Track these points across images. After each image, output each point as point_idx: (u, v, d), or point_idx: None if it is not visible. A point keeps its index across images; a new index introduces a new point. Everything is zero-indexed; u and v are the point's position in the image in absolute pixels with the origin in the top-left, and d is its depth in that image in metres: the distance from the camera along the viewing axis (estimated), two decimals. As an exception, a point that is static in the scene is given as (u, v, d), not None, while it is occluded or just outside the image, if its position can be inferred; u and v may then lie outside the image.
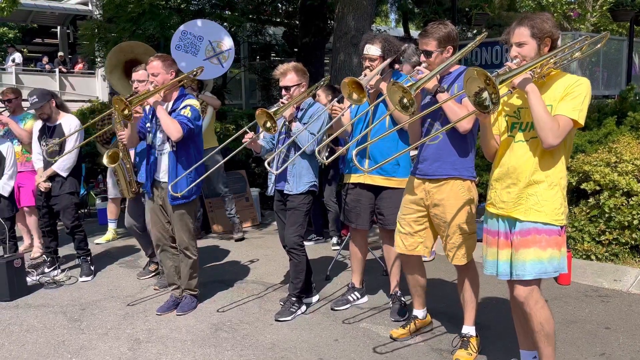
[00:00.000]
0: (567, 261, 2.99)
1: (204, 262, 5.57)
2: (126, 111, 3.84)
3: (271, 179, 4.18)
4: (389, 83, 2.87)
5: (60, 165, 4.97)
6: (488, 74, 2.40)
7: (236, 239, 6.51)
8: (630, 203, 4.75)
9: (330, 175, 6.09)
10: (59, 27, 21.47)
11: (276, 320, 4.04)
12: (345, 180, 4.14)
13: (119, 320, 4.16)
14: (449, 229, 3.32)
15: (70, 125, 5.08)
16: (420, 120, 3.37)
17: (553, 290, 4.43)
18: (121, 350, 3.65)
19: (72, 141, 5.04)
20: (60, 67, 18.90)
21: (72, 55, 20.89)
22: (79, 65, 19.47)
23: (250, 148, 4.12)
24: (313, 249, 5.87)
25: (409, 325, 3.69)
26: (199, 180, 4.08)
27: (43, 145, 5.08)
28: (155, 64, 4.05)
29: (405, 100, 2.80)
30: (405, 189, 3.55)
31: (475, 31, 13.98)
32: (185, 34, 5.99)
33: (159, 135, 4.16)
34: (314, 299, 4.39)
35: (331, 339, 3.73)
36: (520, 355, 3.01)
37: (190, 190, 4.10)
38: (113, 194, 6.58)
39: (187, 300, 4.30)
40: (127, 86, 5.59)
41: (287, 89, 3.99)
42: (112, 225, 6.76)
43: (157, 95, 4.01)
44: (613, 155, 5.05)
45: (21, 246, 6.15)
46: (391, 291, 4.13)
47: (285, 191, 4.07)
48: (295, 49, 12.01)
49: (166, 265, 4.38)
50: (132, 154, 5.09)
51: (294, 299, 4.14)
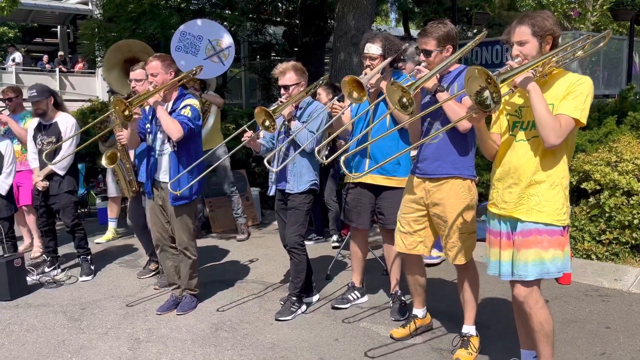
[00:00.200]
0: (568, 261, 2.98)
1: (204, 262, 5.57)
2: (126, 112, 3.83)
3: (271, 179, 4.18)
4: (388, 82, 2.86)
5: (58, 164, 4.97)
6: (489, 72, 2.38)
7: (239, 239, 6.49)
8: (631, 202, 4.75)
9: (331, 174, 6.08)
10: (59, 27, 21.49)
11: (276, 319, 4.04)
12: (346, 179, 4.14)
13: (119, 319, 4.16)
14: (449, 229, 3.32)
15: (67, 124, 5.08)
16: (420, 119, 3.36)
17: (553, 289, 4.43)
18: (121, 350, 3.65)
19: (69, 140, 5.04)
20: (60, 67, 18.92)
21: (72, 55, 20.91)
22: (79, 65, 19.49)
23: (249, 147, 4.12)
24: (313, 248, 5.87)
25: (409, 325, 3.69)
26: (199, 178, 4.08)
27: (38, 144, 5.08)
28: (154, 64, 4.04)
29: (404, 99, 2.80)
30: (405, 188, 3.55)
31: (475, 30, 13.96)
32: (184, 35, 5.98)
33: (159, 135, 4.16)
34: (314, 298, 4.39)
35: (331, 339, 3.73)
36: (521, 354, 3.01)
37: (191, 190, 4.10)
38: (114, 193, 6.59)
39: (187, 300, 4.30)
40: (125, 85, 5.58)
41: (286, 88, 3.99)
42: (112, 225, 6.75)
43: (157, 95, 4.01)
44: (613, 155, 5.04)
45: (21, 246, 6.15)
46: (391, 290, 4.13)
47: (286, 190, 4.06)
48: (296, 49, 11.99)
49: (166, 265, 4.38)
50: (132, 154, 5.09)
51: (294, 298, 4.14)
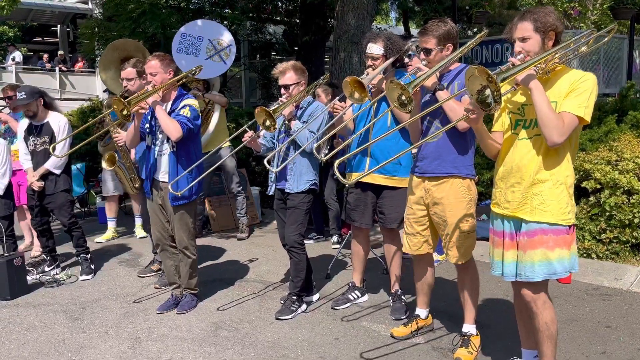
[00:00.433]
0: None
1: (205, 261, 5.57)
2: (125, 111, 3.83)
3: (271, 178, 4.18)
4: (387, 80, 2.86)
5: (53, 162, 4.97)
6: (489, 72, 2.35)
7: (239, 238, 6.50)
8: (631, 201, 4.74)
9: (331, 174, 6.07)
10: (59, 26, 21.49)
11: (277, 318, 4.04)
12: (347, 179, 4.13)
13: (119, 318, 4.16)
14: (449, 228, 3.32)
15: (59, 123, 5.07)
16: (420, 118, 3.36)
17: (554, 288, 4.42)
18: (121, 349, 3.65)
19: (63, 140, 5.03)
20: (60, 66, 18.91)
21: (72, 54, 20.91)
22: (79, 64, 19.49)
23: (250, 147, 4.12)
24: (313, 247, 5.87)
25: (410, 324, 3.69)
26: (200, 178, 4.08)
27: (31, 145, 5.08)
28: (153, 63, 4.03)
29: (403, 97, 2.78)
30: (407, 188, 3.55)
31: (475, 29, 13.96)
32: (185, 36, 5.99)
33: (158, 135, 4.15)
34: (315, 297, 4.39)
35: (332, 338, 3.73)
36: (522, 354, 3.00)
37: (191, 190, 4.09)
38: (110, 191, 6.58)
39: (188, 299, 4.30)
40: (121, 84, 5.59)
41: (287, 87, 3.98)
42: (112, 224, 6.74)
43: (156, 95, 4.00)
44: (614, 154, 5.04)
45: (22, 245, 6.15)
46: (392, 290, 4.13)
47: (285, 190, 4.06)
48: (296, 48, 11.99)
49: (166, 264, 4.38)
50: (132, 152, 5.09)
51: (295, 297, 4.14)
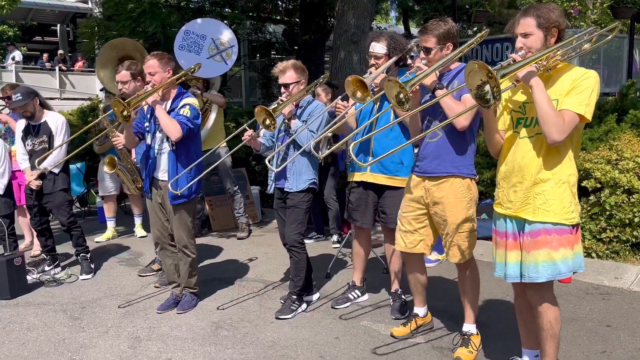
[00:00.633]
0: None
1: (204, 260, 5.57)
2: (125, 112, 3.82)
3: (271, 177, 4.18)
4: (385, 79, 2.85)
5: (52, 161, 4.96)
6: (489, 67, 2.31)
7: (239, 237, 6.50)
8: (631, 200, 4.74)
9: (331, 173, 6.07)
10: (58, 25, 21.49)
11: (277, 318, 4.04)
12: (349, 178, 4.14)
13: (119, 318, 4.15)
14: (449, 227, 3.31)
15: (57, 122, 5.07)
16: (420, 117, 3.35)
17: (554, 288, 4.41)
18: (121, 349, 3.65)
19: (61, 138, 5.04)
20: (60, 65, 18.91)
21: (72, 54, 20.91)
22: (79, 63, 19.50)
23: (250, 145, 4.12)
24: (313, 246, 5.87)
25: (409, 323, 3.69)
26: (202, 176, 4.08)
27: (29, 145, 5.08)
28: (151, 63, 4.03)
29: (401, 95, 2.77)
30: (405, 187, 3.55)
31: (475, 29, 13.95)
32: (188, 34, 5.98)
33: (158, 134, 4.15)
34: (315, 297, 4.38)
35: (332, 337, 3.73)
36: (523, 353, 3.00)
37: (190, 189, 4.09)
38: (107, 191, 6.58)
39: (187, 298, 4.30)
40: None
41: (286, 86, 3.98)
42: (111, 224, 6.72)
43: (155, 94, 4.00)
44: (614, 153, 5.04)
45: (22, 244, 6.15)
46: (392, 289, 4.12)
47: (285, 189, 4.06)
48: (296, 47, 11.98)
49: (166, 263, 4.38)
50: (133, 154, 5.10)
51: (295, 297, 4.14)
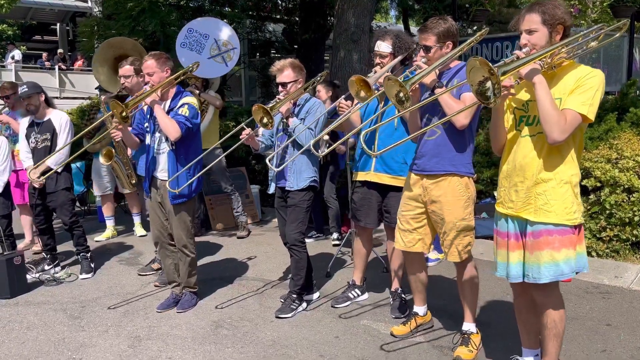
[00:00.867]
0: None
1: (204, 259, 5.57)
2: (124, 113, 3.82)
3: (271, 176, 4.17)
4: (385, 77, 2.84)
5: (55, 160, 4.95)
6: (490, 64, 2.28)
7: (239, 236, 6.49)
8: (631, 199, 4.74)
9: (331, 172, 6.07)
10: (58, 24, 21.49)
11: (277, 317, 4.03)
12: (353, 178, 4.14)
13: (119, 317, 4.15)
14: (446, 226, 3.31)
15: (61, 120, 5.07)
16: (419, 116, 3.35)
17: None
18: (121, 348, 3.65)
19: (64, 137, 5.04)
20: (59, 64, 18.91)
21: (72, 52, 20.91)
22: (79, 63, 19.50)
23: (248, 144, 4.11)
24: (313, 246, 5.86)
25: (409, 322, 3.68)
26: (198, 176, 4.07)
27: (32, 142, 5.07)
28: (149, 63, 4.03)
29: (401, 94, 2.77)
30: (404, 185, 3.54)
31: (475, 28, 13.94)
32: (191, 32, 5.95)
33: (157, 134, 4.15)
34: (315, 296, 4.38)
35: (332, 336, 3.73)
36: (523, 352, 3.00)
37: (190, 188, 4.09)
38: (104, 190, 6.57)
39: (187, 298, 4.30)
40: (113, 83, 5.57)
41: (284, 85, 3.98)
42: (110, 223, 6.70)
43: (154, 94, 4.00)
44: (614, 152, 5.04)
45: (22, 243, 6.14)
46: (392, 288, 4.12)
47: (286, 187, 4.06)
48: (295, 46, 11.97)
49: (165, 262, 4.37)
50: (129, 149, 5.10)
51: (295, 295, 4.14)
